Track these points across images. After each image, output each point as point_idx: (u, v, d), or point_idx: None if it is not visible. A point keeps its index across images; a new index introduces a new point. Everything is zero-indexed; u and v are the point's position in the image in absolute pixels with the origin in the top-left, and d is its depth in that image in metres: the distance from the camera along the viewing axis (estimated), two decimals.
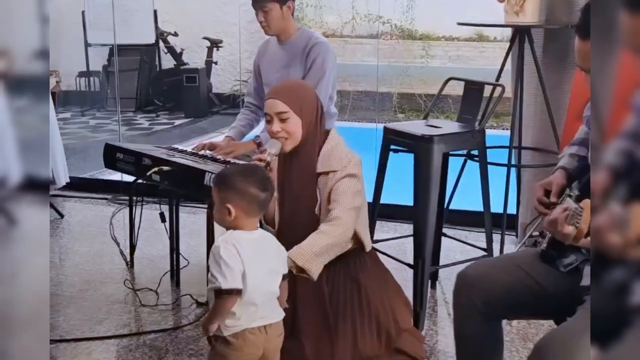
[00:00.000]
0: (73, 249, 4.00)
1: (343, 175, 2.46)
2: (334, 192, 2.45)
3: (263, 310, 2.08)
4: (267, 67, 3.53)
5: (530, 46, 3.55)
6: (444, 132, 2.97)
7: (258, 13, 3.35)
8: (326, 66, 3.35)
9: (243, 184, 2.07)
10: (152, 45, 9.16)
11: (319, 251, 2.33)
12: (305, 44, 3.39)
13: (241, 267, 2.00)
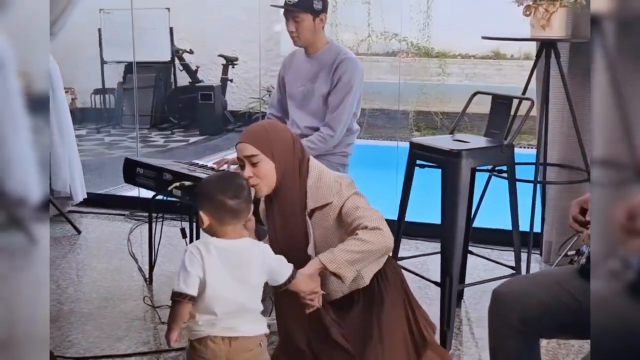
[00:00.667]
0: (91, 265, 3.95)
1: (345, 199, 2.34)
2: (346, 215, 2.33)
3: (226, 321, 2.06)
4: (292, 80, 3.48)
5: (556, 61, 3.49)
6: (473, 147, 2.91)
7: (289, 22, 3.31)
8: (353, 83, 3.31)
9: (212, 191, 2.09)
10: (167, 62, 9.18)
11: (353, 259, 2.24)
12: (334, 59, 3.35)
13: (201, 274, 2.00)
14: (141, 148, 8.13)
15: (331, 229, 2.36)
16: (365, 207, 2.32)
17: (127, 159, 3.44)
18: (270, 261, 2.16)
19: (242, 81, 9.59)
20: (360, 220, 2.29)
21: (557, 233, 3.85)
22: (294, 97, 3.47)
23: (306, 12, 3.28)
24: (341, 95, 3.30)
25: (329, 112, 3.34)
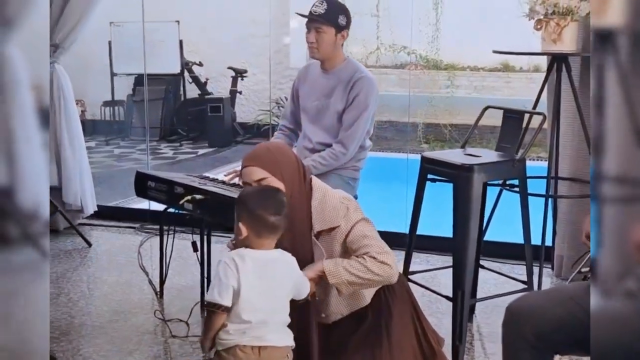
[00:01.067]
0: (102, 278, 3.96)
1: (352, 224, 2.33)
2: (352, 242, 2.32)
3: (258, 330, 2.09)
4: (306, 93, 3.48)
5: (567, 75, 3.49)
6: (484, 161, 2.91)
7: (310, 33, 3.30)
8: (369, 102, 3.32)
9: (255, 205, 2.13)
10: (177, 75, 9.22)
11: (354, 282, 2.28)
12: (351, 76, 3.34)
13: (236, 284, 2.05)
14: (150, 160, 8.15)
15: (337, 253, 2.35)
16: (373, 237, 2.32)
17: (139, 172, 3.45)
18: (298, 273, 2.20)
19: (251, 93, 9.62)
20: (367, 249, 2.29)
21: (569, 247, 3.83)
22: (307, 111, 3.47)
23: (330, 25, 3.28)
24: (356, 113, 3.30)
25: (342, 130, 3.34)
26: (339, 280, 2.26)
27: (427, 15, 8.77)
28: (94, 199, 4.81)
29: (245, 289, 2.05)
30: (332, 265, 2.27)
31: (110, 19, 8.50)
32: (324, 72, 3.43)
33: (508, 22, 7.53)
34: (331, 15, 3.29)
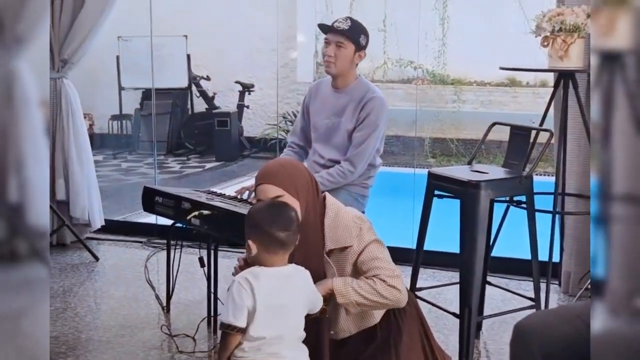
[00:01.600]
0: (108, 293, 3.96)
1: (365, 245, 2.32)
2: (363, 263, 2.31)
3: (273, 346, 2.08)
4: (317, 110, 3.49)
5: (574, 91, 3.49)
6: (491, 178, 2.91)
7: (330, 46, 3.33)
8: (379, 122, 3.34)
9: (263, 222, 2.12)
10: (184, 89, 9.26)
11: (362, 303, 2.28)
12: (362, 96, 3.36)
13: (250, 304, 2.04)
14: (157, 174, 8.18)
15: (348, 273, 2.35)
16: (384, 259, 2.31)
17: (146, 187, 3.46)
18: (312, 288, 2.20)
19: (259, 107, 9.65)
20: (378, 271, 2.28)
21: (576, 263, 3.82)
22: (318, 129, 3.49)
23: (351, 42, 3.31)
24: (367, 132, 3.32)
25: (352, 148, 3.35)
26: (347, 300, 2.26)
27: (434, 31, 8.81)
28: (101, 213, 4.83)
29: (261, 308, 2.04)
30: (341, 284, 2.27)
31: (119, 33, 8.55)
32: (335, 90, 3.44)
33: (514, 37, 7.58)
34: (354, 33, 3.32)
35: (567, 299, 3.82)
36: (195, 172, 8.62)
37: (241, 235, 2.79)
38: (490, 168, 3.16)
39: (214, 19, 9.20)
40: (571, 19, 3.34)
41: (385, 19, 9.04)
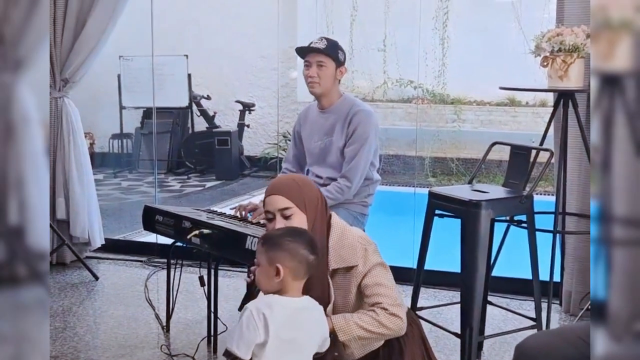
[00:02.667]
0: (108, 312, 3.94)
1: (370, 267, 2.29)
2: (367, 287, 2.29)
3: None
4: (308, 135, 3.52)
5: (574, 111, 3.50)
6: (492, 197, 2.91)
7: (312, 67, 3.36)
8: (368, 134, 3.34)
9: (293, 244, 2.07)
10: (185, 108, 9.29)
11: (364, 336, 2.25)
12: (348, 111, 3.39)
13: (260, 339, 1.97)
14: (158, 193, 8.18)
15: (352, 294, 2.32)
16: (387, 286, 2.28)
17: (147, 206, 3.46)
18: (327, 327, 2.15)
19: (259, 126, 9.68)
20: (380, 299, 2.26)
21: (577, 283, 3.81)
22: (311, 152, 3.51)
23: (331, 59, 3.34)
24: (357, 146, 3.33)
25: (345, 163, 3.36)
26: (349, 336, 2.22)
27: (434, 50, 8.85)
28: (101, 232, 4.83)
29: (273, 340, 1.97)
30: (342, 321, 2.23)
31: (120, 52, 8.59)
32: (322, 111, 3.48)
33: (514, 57, 7.62)
34: (332, 50, 3.37)
35: (568, 318, 3.81)
36: (196, 190, 8.62)
37: (242, 253, 2.81)
38: (490, 187, 3.16)
39: (215, 38, 9.26)
40: (570, 39, 3.35)
41: (385, 39, 9.09)
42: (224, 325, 3.39)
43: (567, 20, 3.62)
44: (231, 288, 4.25)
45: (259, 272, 2.10)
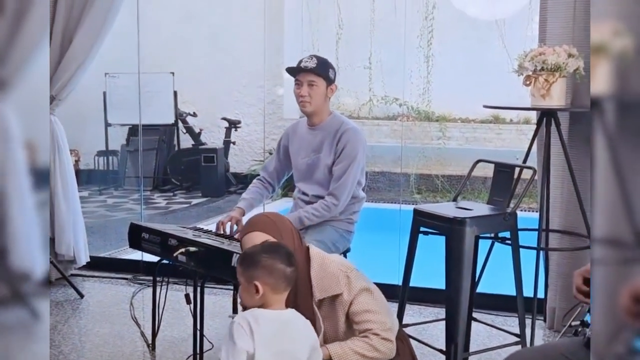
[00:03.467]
0: (93, 330, 3.93)
1: (355, 294, 2.31)
2: (355, 314, 2.31)
3: None
4: (296, 151, 3.54)
5: (557, 129, 3.55)
6: (476, 215, 2.94)
7: (302, 87, 3.39)
8: (356, 152, 3.38)
9: (270, 261, 2.11)
10: (171, 125, 9.29)
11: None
12: (337, 129, 3.41)
13: (250, 348, 1.99)
14: (143, 210, 8.16)
15: (342, 322, 2.34)
16: (376, 311, 2.32)
17: (133, 223, 3.46)
18: (315, 337, 2.17)
19: (245, 144, 9.70)
20: (371, 325, 2.30)
21: (561, 299, 3.84)
22: (299, 168, 3.53)
23: (322, 78, 3.37)
24: (345, 164, 3.35)
25: (333, 181, 3.39)
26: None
27: (419, 68, 8.92)
28: (86, 250, 4.81)
29: (261, 352, 1.99)
30: (337, 348, 2.27)
31: (105, 70, 8.60)
32: (311, 128, 3.50)
33: (498, 75, 7.69)
34: (322, 69, 3.40)
35: (552, 334, 3.84)
36: (181, 207, 8.61)
37: (228, 271, 2.81)
38: (475, 205, 3.19)
39: (201, 55, 9.29)
40: (552, 58, 3.40)
41: (370, 57, 9.16)
42: (210, 343, 3.39)
43: (549, 40, 3.67)
44: (217, 306, 4.25)
45: (241, 290, 2.14)
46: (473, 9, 8.72)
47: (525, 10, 8.34)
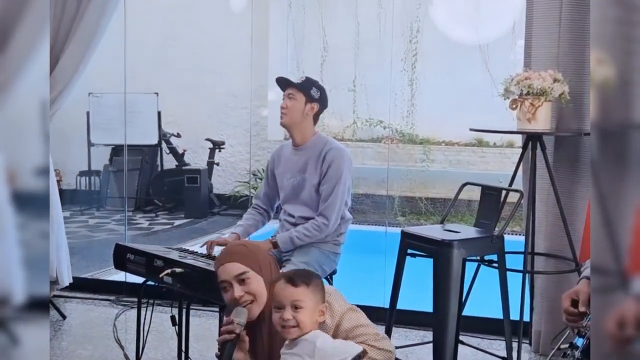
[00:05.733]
0: (76, 353, 3.88)
1: (339, 318, 2.23)
2: (346, 332, 2.23)
3: None
4: (282, 172, 3.54)
5: (542, 152, 3.58)
6: (464, 237, 2.95)
7: (284, 100, 3.43)
8: (342, 170, 3.37)
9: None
10: (154, 145, 9.26)
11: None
12: (321, 149, 3.42)
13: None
14: (126, 231, 8.10)
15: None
16: (366, 324, 2.26)
17: (118, 244, 3.43)
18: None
19: (229, 165, 9.69)
20: (364, 338, 2.22)
21: (546, 322, 3.85)
22: (284, 189, 3.52)
23: (301, 92, 3.39)
24: (332, 184, 3.35)
25: (322, 202, 3.38)
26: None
27: (403, 91, 8.98)
28: (69, 271, 4.74)
29: None
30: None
31: (89, 89, 8.57)
32: (295, 149, 3.50)
33: (481, 98, 7.75)
34: (305, 85, 3.42)
35: (538, 358, 3.84)
36: (164, 228, 8.55)
37: (214, 293, 2.79)
38: (462, 227, 3.21)
39: (185, 76, 9.29)
40: (538, 83, 3.44)
41: (355, 79, 9.22)
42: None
43: (534, 64, 3.71)
44: (202, 328, 4.21)
45: (302, 313, 2.12)
46: (457, 33, 8.81)
47: (509, 35, 8.44)
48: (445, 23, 8.93)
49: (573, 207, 3.70)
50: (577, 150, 3.71)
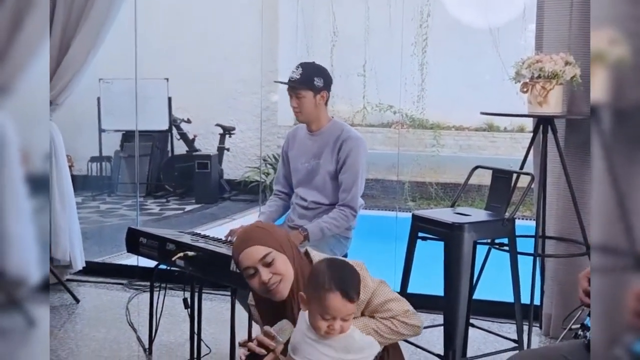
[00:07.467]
0: (89, 335, 3.92)
1: (372, 292, 2.20)
2: (376, 307, 2.20)
3: None
4: (295, 156, 3.55)
5: (553, 136, 3.57)
6: (475, 220, 2.96)
7: (292, 99, 3.42)
8: (362, 161, 3.40)
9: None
10: (165, 131, 9.29)
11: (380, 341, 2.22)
12: (337, 136, 3.42)
13: None
14: (137, 216, 8.14)
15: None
16: (396, 299, 2.23)
17: (130, 228, 3.46)
18: None
19: (239, 150, 9.70)
20: (393, 312, 2.21)
21: (557, 305, 3.86)
22: (298, 173, 3.54)
23: (307, 89, 3.38)
24: (353, 174, 3.37)
25: (344, 192, 3.39)
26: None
27: (413, 76, 8.95)
28: (82, 255, 4.79)
29: None
30: (361, 325, 2.18)
31: (100, 75, 8.59)
32: (311, 134, 3.51)
33: (491, 82, 7.73)
34: (306, 79, 3.40)
35: (548, 341, 3.85)
36: (175, 214, 8.59)
37: (226, 276, 2.81)
38: (472, 211, 3.21)
39: (195, 62, 9.29)
40: (549, 66, 3.43)
41: (365, 64, 9.19)
42: (208, 347, 3.39)
43: (545, 48, 3.70)
44: (214, 311, 4.25)
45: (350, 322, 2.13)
46: (467, 17, 8.77)
47: (520, 19, 8.40)
48: (456, 7, 8.88)
49: (584, 191, 3.69)
50: (588, 134, 3.70)
